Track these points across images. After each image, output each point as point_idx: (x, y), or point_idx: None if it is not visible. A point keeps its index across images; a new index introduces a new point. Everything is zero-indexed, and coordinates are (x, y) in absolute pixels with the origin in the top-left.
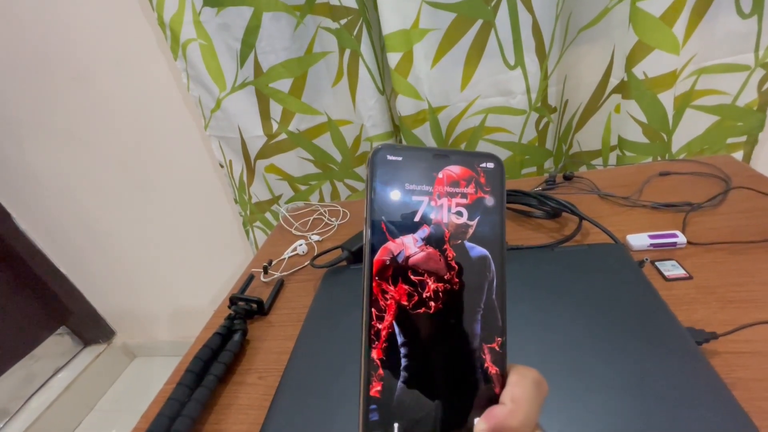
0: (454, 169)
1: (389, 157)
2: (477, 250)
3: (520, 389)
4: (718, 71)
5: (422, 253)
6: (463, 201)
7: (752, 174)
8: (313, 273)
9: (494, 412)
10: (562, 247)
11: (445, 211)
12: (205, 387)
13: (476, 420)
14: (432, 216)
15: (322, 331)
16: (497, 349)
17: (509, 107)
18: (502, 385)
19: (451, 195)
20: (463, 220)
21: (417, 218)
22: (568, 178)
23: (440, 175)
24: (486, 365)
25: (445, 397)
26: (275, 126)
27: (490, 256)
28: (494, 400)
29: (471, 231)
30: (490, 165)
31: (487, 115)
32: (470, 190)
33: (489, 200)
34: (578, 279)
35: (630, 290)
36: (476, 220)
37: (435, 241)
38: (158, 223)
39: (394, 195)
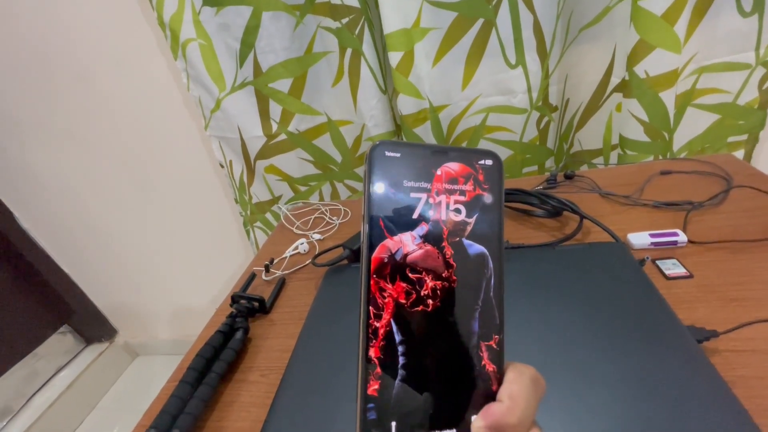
0: (453, 166)
1: (387, 154)
2: (475, 248)
3: (517, 386)
4: (719, 70)
5: (420, 251)
6: (462, 198)
7: (753, 173)
8: (315, 272)
9: (491, 410)
10: (563, 245)
11: (444, 208)
12: (208, 384)
13: (473, 417)
14: (430, 213)
15: (323, 330)
16: (495, 346)
17: (510, 106)
18: (500, 383)
19: (450, 192)
20: (462, 217)
21: (415, 215)
22: (569, 176)
23: (439, 172)
24: (483, 363)
25: (443, 394)
26: (275, 126)
27: (488, 253)
28: (492, 397)
29: (469, 228)
30: (489, 162)
31: (488, 114)
32: (469, 187)
33: (487, 197)
34: (579, 278)
35: (631, 289)
36: (474, 217)
37: (433, 238)
38: (159, 222)
39: (392, 192)
